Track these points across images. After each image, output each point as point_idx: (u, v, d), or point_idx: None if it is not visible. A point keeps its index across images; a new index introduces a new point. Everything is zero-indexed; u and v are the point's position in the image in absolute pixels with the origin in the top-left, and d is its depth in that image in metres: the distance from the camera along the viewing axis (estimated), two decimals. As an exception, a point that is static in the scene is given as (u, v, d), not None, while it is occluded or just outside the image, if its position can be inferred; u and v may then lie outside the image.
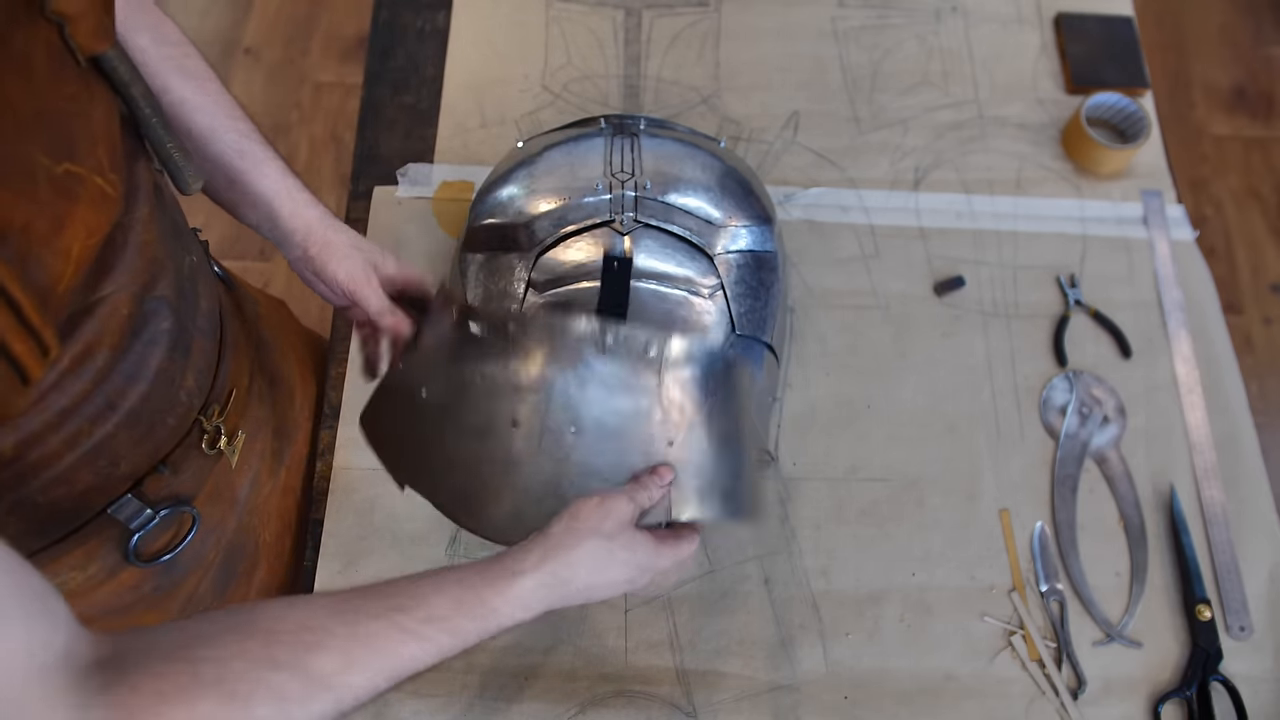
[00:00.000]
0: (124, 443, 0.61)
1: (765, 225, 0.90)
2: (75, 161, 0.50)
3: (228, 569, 0.81)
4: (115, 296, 0.56)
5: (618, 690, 0.83)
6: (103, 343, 0.57)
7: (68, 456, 0.58)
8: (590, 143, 0.90)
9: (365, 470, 0.91)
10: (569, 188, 0.86)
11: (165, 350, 0.62)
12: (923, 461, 0.95)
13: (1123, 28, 1.20)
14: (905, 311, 1.02)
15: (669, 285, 0.83)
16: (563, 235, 0.84)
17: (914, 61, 1.17)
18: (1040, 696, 0.85)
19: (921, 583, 0.90)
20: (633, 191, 0.85)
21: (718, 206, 0.87)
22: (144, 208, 0.59)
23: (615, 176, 0.86)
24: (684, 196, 0.86)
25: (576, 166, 0.88)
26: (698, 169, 0.89)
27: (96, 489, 0.62)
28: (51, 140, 0.48)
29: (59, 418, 0.56)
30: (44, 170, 0.47)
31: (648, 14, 1.18)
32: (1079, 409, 0.98)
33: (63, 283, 0.50)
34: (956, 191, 1.09)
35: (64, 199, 0.49)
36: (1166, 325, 1.03)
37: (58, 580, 0.65)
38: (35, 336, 0.47)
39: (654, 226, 0.84)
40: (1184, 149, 2.09)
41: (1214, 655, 0.87)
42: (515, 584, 0.58)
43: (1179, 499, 0.94)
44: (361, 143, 1.09)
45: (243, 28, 2.15)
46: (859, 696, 0.85)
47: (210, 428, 0.70)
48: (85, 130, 0.51)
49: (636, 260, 0.83)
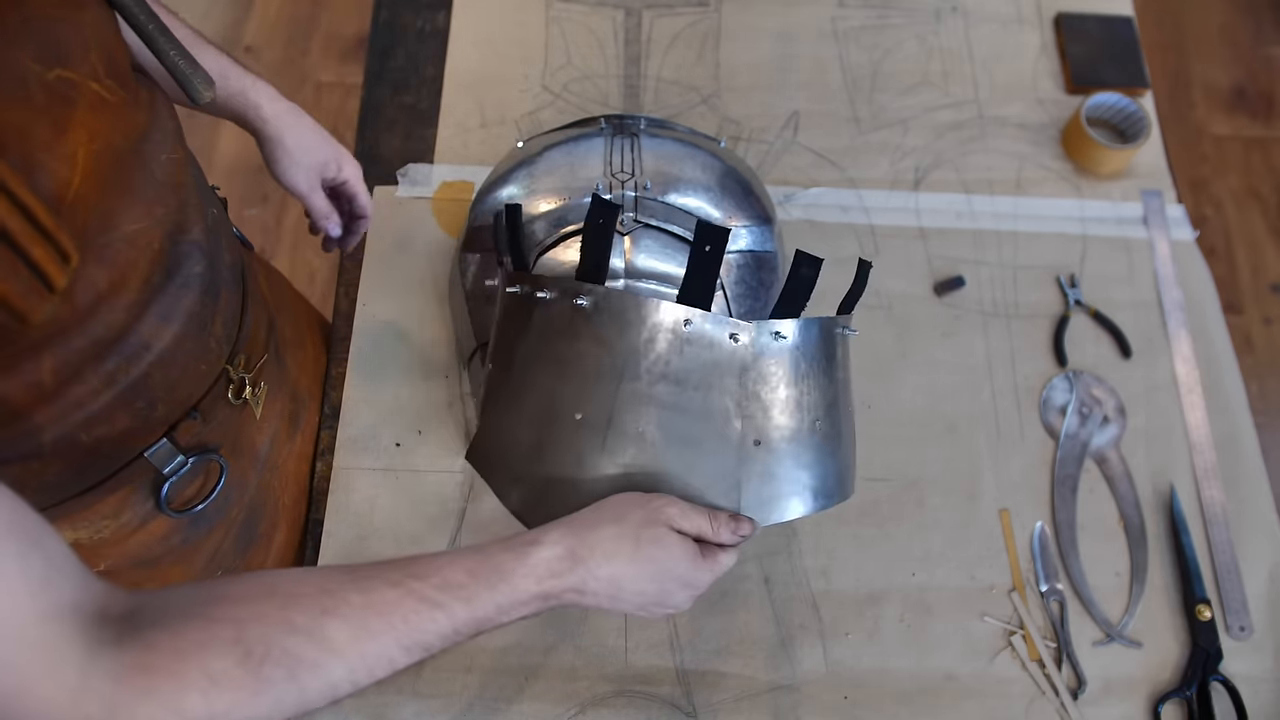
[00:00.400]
0: (159, 384, 0.63)
1: (765, 225, 0.89)
2: (67, 67, 0.51)
3: (250, 527, 0.83)
4: (148, 231, 0.58)
5: (618, 690, 0.83)
6: (136, 273, 0.58)
7: (105, 394, 0.60)
8: (590, 143, 0.89)
9: (365, 470, 0.91)
10: (569, 188, 0.86)
11: (197, 294, 0.64)
12: (923, 461, 0.95)
13: (1123, 28, 1.20)
14: (905, 311, 1.02)
15: (669, 285, 0.82)
16: (562, 235, 0.83)
17: (914, 61, 1.17)
18: (1040, 696, 0.85)
19: (921, 583, 0.90)
20: (633, 191, 0.85)
21: (717, 206, 0.87)
22: (175, 148, 0.61)
23: (615, 176, 0.86)
24: (684, 196, 0.86)
25: (576, 166, 0.88)
26: (698, 169, 0.89)
27: (134, 431, 0.64)
28: (40, 47, 0.49)
29: (96, 349, 0.58)
30: (35, 75, 0.48)
31: (648, 14, 1.18)
32: (1079, 409, 0.98)
33: (71, 189, 0.51)
34: (956, 191, 1.09)
35: (60, 104, 0.50)
36: (1166, 325, 1.03)
37: (92, 529, 0.68)
38: (52, 241, 0.48)
39: (654, 227, 0.84)
40: (1184, 149, 2.09)
41: (1214, 655, 0.87)
42: (532, 552, 0.57)
43: (1179, 499, 0.94)
44: (361, 143, 1.09)
45: (243, 28, 2.15)
46: (859, 696, 0.85)
47: (236, 377, 0.72)
48: (76, 37, 0.52)
49: (636, 260, 0.82)
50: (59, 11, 0.51)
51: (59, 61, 0.50)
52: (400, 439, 0.92)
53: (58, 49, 0.50)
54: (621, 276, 0.81)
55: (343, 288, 1.00)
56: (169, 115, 0.63)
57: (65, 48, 0.51)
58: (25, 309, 0.49)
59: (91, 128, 0.52)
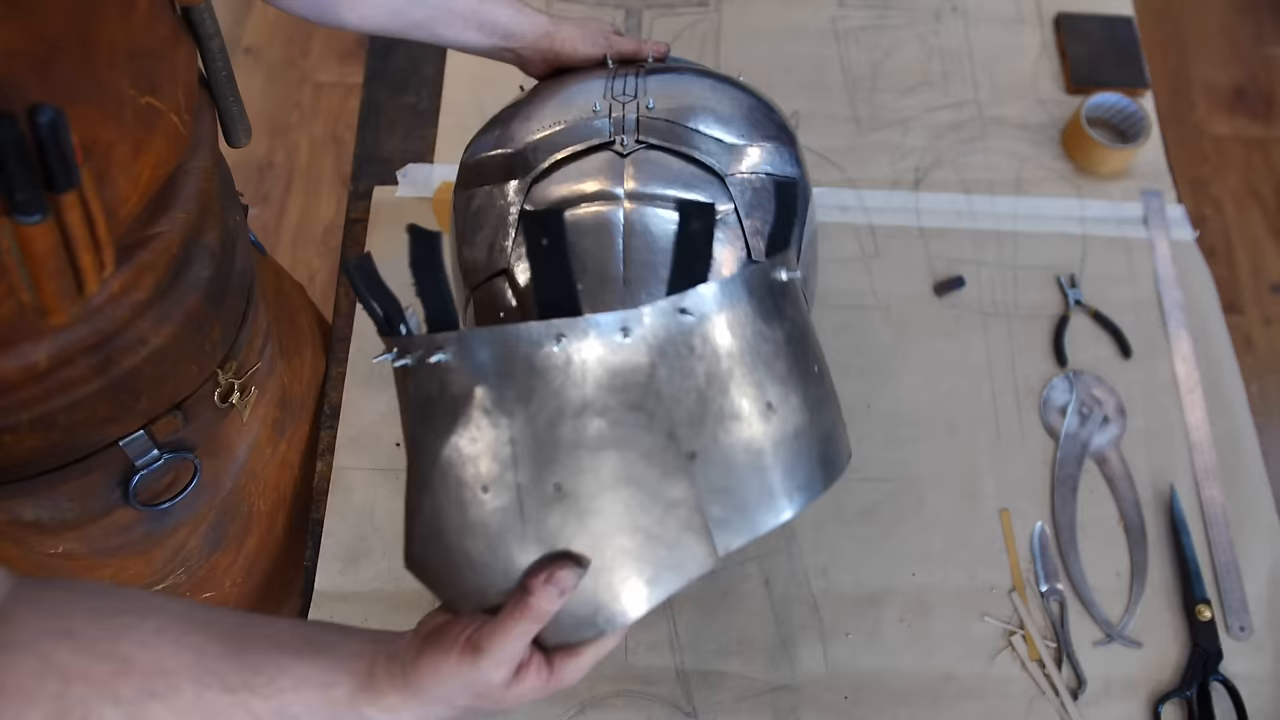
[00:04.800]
0: (147, 380, 0.64)
1: (788, 146, 0.79)
2: (157, 97, 0.55)
3: (219, 529, 0.83)
4: (168, 234, 0.61)
5: (618, 690, 0.83)
6: (150, 275, 0.61)
7: (94, 382, 0.61)
8: (591, 72, 0.82)
9: (365, 470, 0.91)
10: (565, 114, 0.77)
11: (201, 297, 0.66)
12: (923, 461, 0.95)
13: (1123, 28, 1.20)
14: (905, 311, 1.02)
15: (671, 207, 0.72)
16: (558, 160, 0.74)
17: (914, 61, 1.17)
18: (1040, 696, 0.86)
19: (921, 583, 0.90)
20: (634, 113, 0.76)
21: (730, 125, 0.77)
22: (207, 159, 0.64)
23: (616, 99, 0.77)
24: (693, 117, 0.76)
25: (575, 94, 0.79)
26: (706, 89, 0.80)
27: (113, 421, 0.65)
28: (138, 75, 0.53)
29: (95, 339, 0.59)
30: (130, 99, 0.53)
31: (648, 14, 1.18)
32: (1079, 409, 0.98)
33: (126, 206, 0.55)
34: (956, 191, 1.09)
35: (144, 128, 0.55)
36: (1166, 325, 1.03)
37: (55, 510, 0.67)
38: (99, 251, 0.51)
39: (658, 147, 0.74)
40: (1184, 149, 2.09)
41: (1214, 655, 0.87)
42: (370, 716, 0.51)
43: (1179, 499, 0.94)
44: (361, 143, 1.09)
45: (243, 28, 2.15)
46: (859, 696, 0.85)
47: (225, 381, 0.73)
48: (168, 71, 0.57)
49: (638, 185, 0.72)
50: (162, 47, 0.56)
51: (150, 90, 0.55)
52: (400, 439, 0.92)
53: (152, 79, 0.55)
54: (622, 202, 0.72)
55: (343, 288, 1.00)
56: (211, 126, 0.66)
57: (158, 79, 0.55)
58: (55, 308, 0.51)
59: (161, 154, 0.57)
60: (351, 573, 0.87)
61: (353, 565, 0.87)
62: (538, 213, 0.56)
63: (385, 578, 0.87)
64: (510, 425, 0.52)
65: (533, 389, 0.52)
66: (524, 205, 0.74)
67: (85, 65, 0.48)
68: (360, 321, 0.97)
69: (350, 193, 1.06)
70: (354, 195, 1.05)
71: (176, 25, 0.57)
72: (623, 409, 0.52)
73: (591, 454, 0.52)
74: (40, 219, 0.46)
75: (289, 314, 0.93)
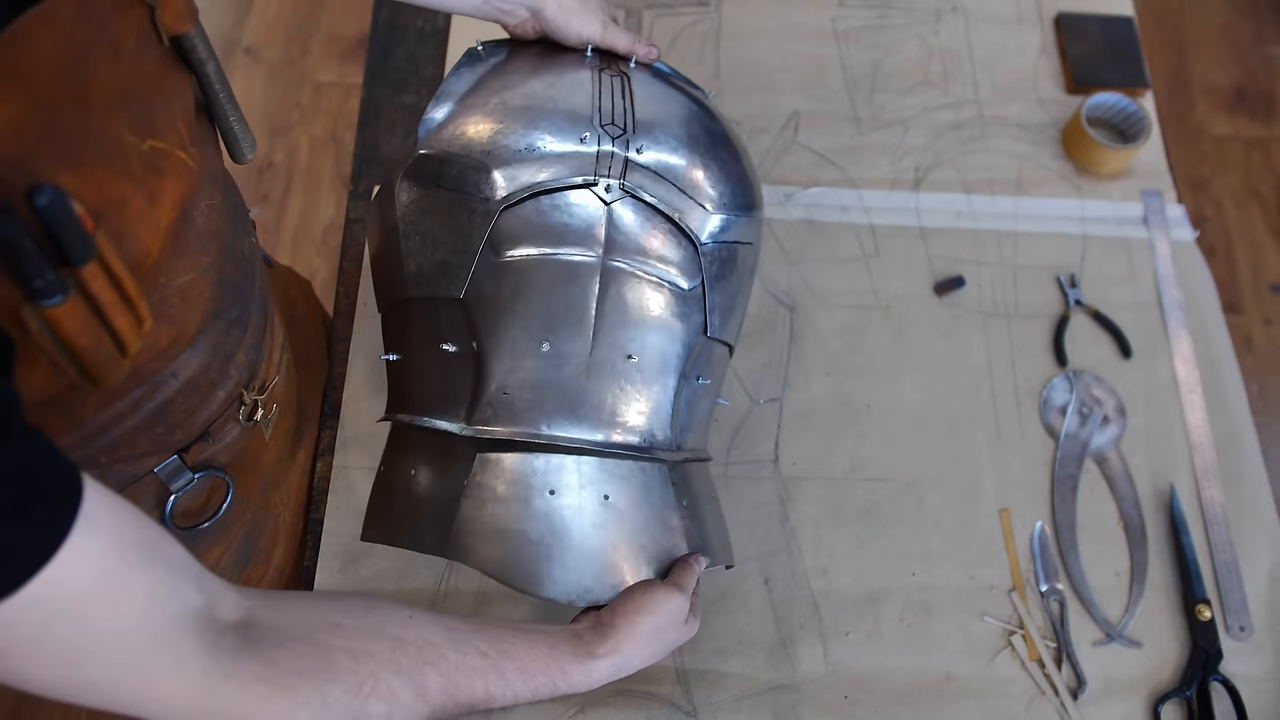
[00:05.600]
0: (180, 410, 0.65)
1: (753, 212, 0.81)
2: (157, 137, 0.53)
3: (250, 544, 0.83)
4: (197, 281, 0.60)
5: (618, 690, 0.83)
6: (191, 325, 0.61)
7: (131, 419, 0.61)
8: (574, 74, 0.77)
9: (365, 470, 0.91)
10: (547, 132, 0.72)
11: (226, 325, 0.66)
12: (923, 461, 0.95)
13: (1123, 28, 1.20)
14: (905, 311, 1.02)
15: (646, 269, 0.73)
16: (536, 192, 0.71)
17: (914, 61, 1.17)
18: (1040, 696, 0.85)
19: (921, 583, 0.90)
20: (623, 151, 0.73)
21: (713, 187, 0.76)
22: (216, 194, 0.62)
23: (605, 129, 0.74)
24: (680, 170, 0.75)
25: (559, 103, 0.74)
26: (696, 135, 0.77)
27: (150, 455, 0.66)
28: (135, 118, 0.51)
29: (131, 383, 0.60)
30: (133, 147, 0.50)
31: (648, 14, 1.18)
32: (1079, 409, 0.98)
33: (151, 256, 0.54)
34: (956, 191, 1.09)
35: (154, 174, 0.52)
36: (1166, 325, 1.03)
37: None
38: (133, 309, 0.50)
39: (642, 200, 0.73)
40: (1184, 149, 2.09)
41: (1214, 655, 0.87)
42: (591, 664, 0.65)
43: (1179, 499, 0.94)
44: (361, 143, 1.09)
45: (243, 28, 2.15)
46: (859, 696, 0.85)
47: (249, 400, 0.73)
48: (164, 107, 0.54)
49: (617, 238, 0.72)
50: (150, 82, 0.52)
51: (151, 132, 0.52)
52: (400, 439, 0.92)
53: (150, 120, 0.52)
54: (599, 255, 0.72)
55: (343, 288, 1.00)
56: (216, 158, 0.64)
57: (156, 118, 0.53)
58: (102, 376, 0.50)
59: (176, 195, 0.55)
60: (352, 572, 0.87)
61: (353, 565, 0.87)
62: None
63: (385, 577, 0.87)
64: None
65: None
66: (489, 234, 0.71)
67: (84, 122, 0.46)
68: (360, 320, 0.97)
69: (350, 193, 1.06)
70: (354, 195, 1.05)
71: (164, 57, 0.54)
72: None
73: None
74: (63, 299, 0.45)
75: (298, 321, 0.93)
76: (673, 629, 0.69)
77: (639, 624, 0.67)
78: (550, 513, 0.71)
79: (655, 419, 0.74)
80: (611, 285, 0.72)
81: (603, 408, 0.72)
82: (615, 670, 0.66)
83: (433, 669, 0.58)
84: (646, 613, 0.67)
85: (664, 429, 0.74)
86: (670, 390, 0.75)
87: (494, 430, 0.71)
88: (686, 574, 0.72)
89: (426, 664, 0.58)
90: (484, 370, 0.71)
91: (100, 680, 0.47)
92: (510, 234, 0.71)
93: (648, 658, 0.68)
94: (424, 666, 0.57)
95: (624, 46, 0.81)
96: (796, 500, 0.92)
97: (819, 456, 0.94)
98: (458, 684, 0.59)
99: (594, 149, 0.72)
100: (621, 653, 0.66)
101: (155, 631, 0.48)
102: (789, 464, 0.93)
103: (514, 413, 0.71)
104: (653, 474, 0.75)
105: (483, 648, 0.61)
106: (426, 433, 0.74)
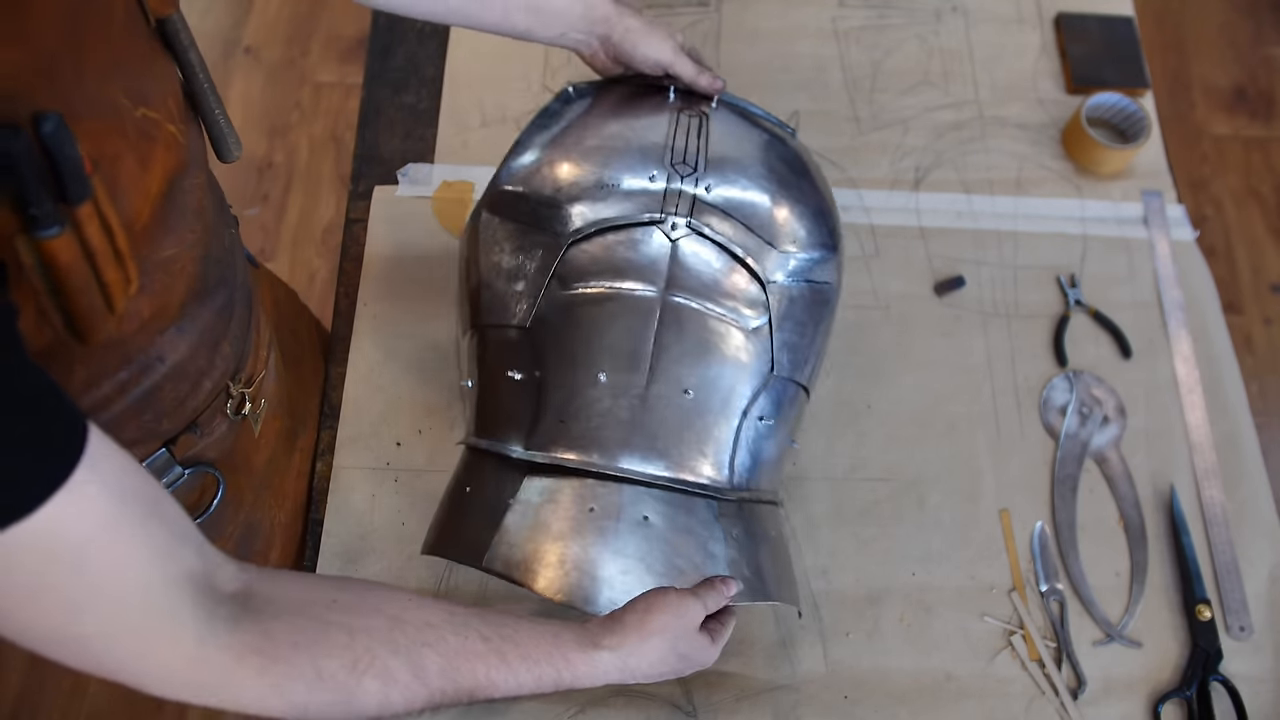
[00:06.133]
0: (167, 398, 0.65)
1: (833, 253, 0.80)
2: (150, 107, 0.54)
3: (245, 546, 0.83)
4: (181, 256, 0.61)
5: (618, 690, 0.83)
6: (175, 299, 0.61)
7: (119, 403, 0.61)
8: (652, 114, 0.79)
9: (365, 470, 0.91)
10: (618, 170, 0.75)
11: (214, 312, 0.66)
12: (923, 461, 0.95)
13: (1123, 28, 1.20)
14: (905, 311, 1.02)
15: (710, 309, 0.74)
16: (604, 228, 0.74)
17: (914, 61, 1.17)
18: (1040, 696, 0.85)
19: (921, 583, 0.90)
20: (691, 189, 0.75)
21: (784, 228, 0.77)
22: (201, 174, 0.63)
23: (675, 167, 0.76)
24: (749, 208, 0.76)
25: (632, 143, 0.77)
26: (768, 174, 0.78)
27: (138, 444, 0.66)
28: (127, 86, 0.52)
29: (119, 362, 0.60)
30: (126, 111, 0.52)
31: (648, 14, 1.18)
32: (1079, 409, 0.98)
33: (140, 221, 0.54)
34: (957, 191, 1.09)
35: (146, 141, 0.54)
36: (1166, 325, 1.03)
37: None
38: (123, 265, 0.51)
39: (708, 238, 0.75)
40: (1184, 149, 2.09)
41: (1214, 655, 0.87)
42: (597, 655, 0.64)
43: (1179, 499, 0.94)
44: (361, 143, 1.09)
45: (243, 28, 2.15)
46: (859, 696, 0.85)
47: (236, 393, 0.73)
48: (154, 83, 0.56)
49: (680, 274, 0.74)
50: (140, 59, 0.55)
51: (143, 101, 0.54)
52: (400, 439, 0.92)
53: (141, 90, 0.54)
54: (661, 290, 0.74)
55: (343, 288, 1.00)
56: (199, 141, 0.65)
57: (147, 90, 0.55)
58: (89, 329, 0.51)
59: (166, 166, 0.56)
60: (351, 572, 0.87)
61: (352, 565, 0.87)
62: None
63: (385, 576, 0.87)
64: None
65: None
66: (556, 268, 0.74)
67: (80, 79, 0.48)
68: (360, 320, 0.97)
69: (350, 193, 1.06)
70: (354, 195, 1.05)
71: (152, 39, 0.57)
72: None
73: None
74: (59, 231, 0.46)
75: (287, 323, 0.93)
76: (684, 636, 0.67)
77: (648, 622, 0.65)
78: (586, 527, 0.71)
79: (711, 456, 0.74)
80: (671, 320, 0.73)
81: (655, 440, 0.72)
82: (621, 667, 0.65)
83: (432, 650, 0.57)
84: (656, 612, 0.65)
85: (721, 467, 0.75)
86: (730, 428, 0.75)
87: (548, 455, 0.73)
88: (711, 591, 0.69)
89: (425, 645, 0.57)
90: (544, 398, 0.74)
91: (94, 637, 0.47)
92: (577, 268, 0.74)
93: (655, 662, 0.66)
94: (422, 648, 0.57)
95: (689, 76, 0.81)
96: (796, 500, 0.92)
97: (819, 456, 0.94)
98: (458, 667, 0.58)
99: (662, 186, 0.74)
100: (627, 647, 0.64)
101: (153, 591, 0.48)
102: (789, 464, 0.94)
103: (569, 440, 0.72)
104: (701, 507, 0.74)
105: (485, 632, 0.60)
106: (488, 455, 0.77)
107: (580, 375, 0.73)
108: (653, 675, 0.67)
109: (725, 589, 0.70)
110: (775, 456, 0.80)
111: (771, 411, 0.77)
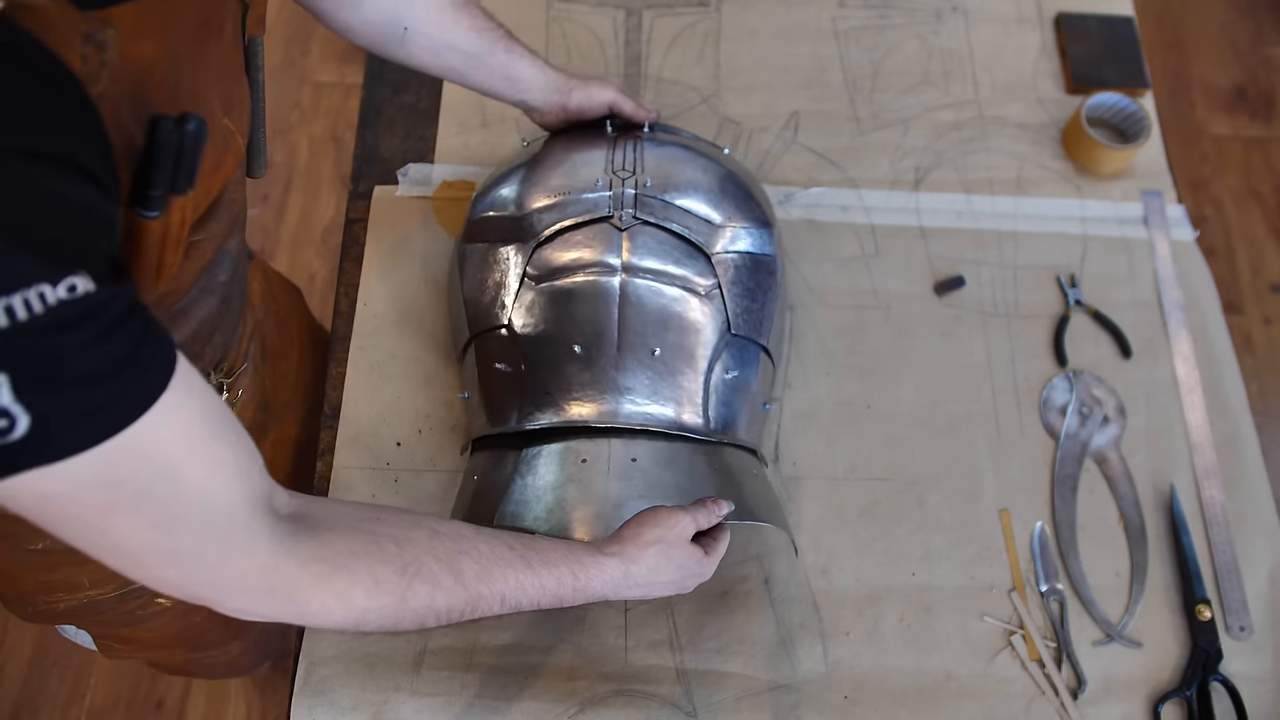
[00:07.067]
0: None
1: (765, 228, 0.91)
2: (231, 119, 0.60)
3: None
4: (203, 244, 0.65)
5: (618, 690, 0.83)
6: (189, 279, 0.65)
7: None
8: (593, 142, 0.92)
9: (365, 470, 0.91)
10: (569, 184, 0.88)
11: (216, 301, 0.70)
12: (923, 461, 0.95)
13: (1123, 28, 1.20)
14: (905, 311, 1.02)
15: (665, 282, 0.84)
16: (561, 229, 0.85)
17: (914, 61, 1.17)
18: (1040, 696, 0.85)
19: (921, 583, 0.90)
20: (633, 189, 0.87)
21: (717, 208, 0.88)
22: (244, 182, 0.70)
23: (616, 174, 0.88)
24: (684, 196, 0.88)
25: (578, 163, 0.90)
26: (698, 171, 0.91)
27: None
28: (222, 95, 0.58)
29: None
30: (216, 117, 0.57)
31: (648, 14, 1.18)
32: (1079, 409, 0.98)
33: (196, 215, 0.58)
34: (957, 191, 1.09)
35: (223, 147, 0.59)
36: (1166, 325, 1.03)
37: None
38: (177, 251, 0.55)
39: (653, 224, 0.86)
40: (1184, 149, 2.09)
41: (1214, 655, 0.87)
42: (605, 561, 0.68)
43: (1179, 499, 0.94)
44: (361, 143, 1.09)
45: (243, 28, 2.15)
46: (859, 696, 0.85)
47: (215, 382, 0.77)
48: (237, 96, 0.62)
49: (633, 258, 0.85)
50: (233, 72, 0.61)
51: (228, 111, 0.60)
52: (400, 439, 0.92)
53: (229, 100, 0.60)
54: (619, 272, 0.84)
55: (343, 288, 1.00)
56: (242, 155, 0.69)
57: (232, 101, 0.61)
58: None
59: (227, 171, 0.61)
60: (351, 572, 0.87)
61: (353, 565, 0.87)
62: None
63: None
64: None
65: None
66: (527, 268, 0.85)
67: (194, 81, 0.52)
68: (360, 320, 0.97)
69: (350, 193, 1.06)
70: (354, 195, 1.05)
71: (240, 55, 0.61)
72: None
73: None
74: (158, 215, 0.50)
75: (278, 317, 0.93)
76: (678, 546, 0.71)
77: (643, 534, 0.70)
78: (581, 474, 0.80)
79: (685, 404, 0.82)
80: (632, 295, 0.83)
81: (632, 394, 0.81)
82: (625, 572, 0.69)
83: (467, 557, 0.62)
84: (650, 525, 0.71)
85: (695, 414, 0.83)
86: (699, 380, 0.83)
87: (537, 424, 0.81)
88: (702, 509, 0.74)
89: (461, 553, 0.62)
90: (530, 379, 0.83)
91: (184, 551, 0.51)
92: (544, 267, 0.85)
93: (654, 569, 0.70)
94: (459, 555, 0.62)
95: (629, 108, 0.95)
96: (796, 500, 0.92)
97: (819, 456, 0.94)
98: (490, 571, 0.63)
99: (608, 191, 0.87)
100: (627, 554, 0.69)
101: (236, 505, 0.52)
102: (789, 464, 0.94)
103: (556, 408, 0.81)
104: (684, 448, 0.82)
105: (509, 541, 0.65)
106: (489, 445, 0.85)
107: (558, 353, 0.83)
108: (655, 584, 0.71)
109: (716, 508, 0.76)
110: (748, 409, 0.87)
111: (735, 366, 0.85)
